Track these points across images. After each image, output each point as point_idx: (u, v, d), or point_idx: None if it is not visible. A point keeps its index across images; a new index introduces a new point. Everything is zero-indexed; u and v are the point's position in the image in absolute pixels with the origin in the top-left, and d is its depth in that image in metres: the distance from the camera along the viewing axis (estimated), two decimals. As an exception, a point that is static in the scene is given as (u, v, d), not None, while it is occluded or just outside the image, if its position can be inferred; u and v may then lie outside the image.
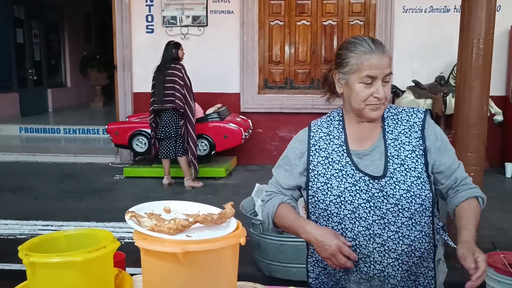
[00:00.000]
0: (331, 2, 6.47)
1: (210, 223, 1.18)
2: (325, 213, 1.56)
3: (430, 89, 5.95)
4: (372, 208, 1.51)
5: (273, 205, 1.64)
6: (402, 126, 1.62)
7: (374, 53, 1.53)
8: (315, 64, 6.62)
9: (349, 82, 1.58)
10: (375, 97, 1.53)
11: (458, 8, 6.03)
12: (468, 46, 3.10)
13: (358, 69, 1.54)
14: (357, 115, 1.61)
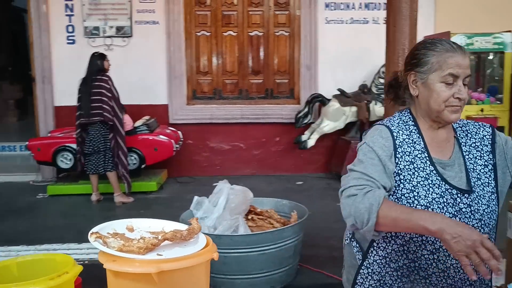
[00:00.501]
0: (257, 13, 6.57)
1: (180, 239, 1.14)
2: (390, 233, 1.50)
3: (354, 97, 6.20)
4: None
5: (378, 196, 1.36)
6: (473, 139, 1.60)
7: (457, 51, 1.49)
8: (243, 75, 6.68)
9: (428, 82, 1.51)
10: (456, 98, 1.48)
11: (376, 20, 6.42)
12: (395, 57, 3.27)
13: (439, 67, 1.49)
14: (433, 119, 1.55)
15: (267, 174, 6.54)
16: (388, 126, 1.59)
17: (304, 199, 4.68)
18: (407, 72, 1.58)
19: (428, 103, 1.52)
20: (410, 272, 1.53)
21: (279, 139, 6.63)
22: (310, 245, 3.71)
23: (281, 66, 6.68)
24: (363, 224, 1.35)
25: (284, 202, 3.68)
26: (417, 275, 1.52)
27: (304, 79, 6.58)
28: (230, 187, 3.52)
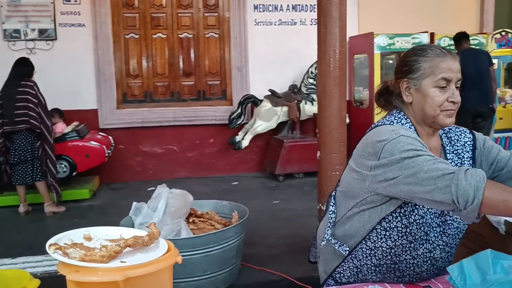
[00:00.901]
0: (186, 15, 6.54)
1: (141, 245, 1.15)
2: (404, 230, 1.54)
3: (285, 98, 6.35)
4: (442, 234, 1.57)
5: (482, 175, 1.29)
6: (455, 146, 1.64)
7: (447, 56, 1.52)
8: (174, 77, 6.62)
9: (422, 88, 1.53)
10: (450, 102, 1.50)
11: (304, 21, 6.60)
12: (326, 57, 3.38)
13: (432, 72, 1.51)
14: (429, 124, 1.56)
15: (202, 176, 6.54)
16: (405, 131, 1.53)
17: (240, 199, 4.71)
18: (399, 80, 1.59)
19: (423, 109, 1.54)
20: (387, 271, 1.62)
21: (213, 140, 6.65)
22: (250, 244, 3.76)
23: (212, 67, 6.70)
24: (467, 203, 1.27)
25: (224, 203, 3.70)
26: (392, 274, 1.61)
27: (235, 80, 6.64)
28: (169, 191, 3.50)
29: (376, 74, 6.31)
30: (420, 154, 1.38)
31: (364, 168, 1.52)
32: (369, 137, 1.54)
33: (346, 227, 1.64)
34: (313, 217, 4.56)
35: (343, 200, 1.67)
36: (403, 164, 1.38)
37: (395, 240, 1.54)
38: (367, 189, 1.52)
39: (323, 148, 3.53)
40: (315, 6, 6.57)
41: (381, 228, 1.54)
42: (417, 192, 1.35)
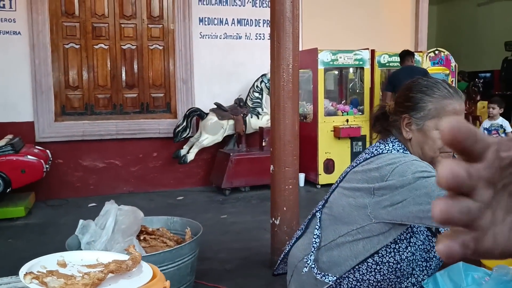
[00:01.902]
0: (130, 26, 6.39)
1: (125, 270, 1.07)
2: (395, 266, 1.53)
3: (231, 111, 6.32)
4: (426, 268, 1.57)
5: None
6: None
7: (454, 97, 1.46)
8: (116, 89, 6.42)
9: (424, 128, 1.48)
10: None
11: (249, 36, 6.63)
12: (280, 72, 3.41)
13: (437, 114, 1.45)
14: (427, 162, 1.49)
15: (146, 191, 6.36)
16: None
17: (188, 214, 4.64)
18: (401, 115, 1.54)
19: (422, 148, 1.51)
20: None
21: (157, 154, 6.50)
22: (202, 260, 3.69)
23: (156, 80, 6.56)
24: None
25: (176, 219, 3.60)
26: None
27: (180, 93, 6.54)
28: (118, 208, 3.35)
29: (320, 89, 6.45)
30: (434, 175, 1.30)
31: (365, 194, 1.46)
32: (373, 162, 1.49)
33: (334, 253, 1.58)
34: (264, 231, 4.56)
35: (332, 224, 1.60)
36: (415, 185, 1.31)
37: (384, 275, 1.52)
38: (368, 216, 1.46)
39: (277, 162, 3.54)
40: (260, 21, 6.76)
41: (372, 262, 1.51)
42: (430, 212, 1.30)
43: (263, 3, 6.77)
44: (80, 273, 1.03)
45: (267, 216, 4.87)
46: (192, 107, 6.35)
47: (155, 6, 6.45)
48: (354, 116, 6.65)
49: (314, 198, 6.18)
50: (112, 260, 1.11)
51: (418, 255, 1.53)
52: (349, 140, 6.58)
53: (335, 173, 6.55)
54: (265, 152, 6.15)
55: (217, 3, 6.58)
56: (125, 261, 1.09)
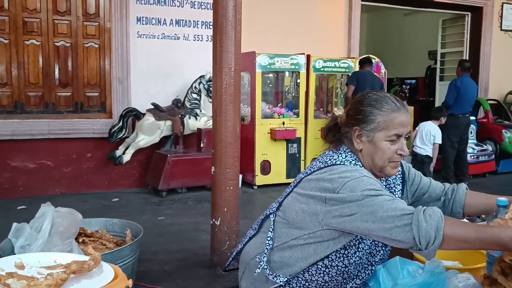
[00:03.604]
0: (64, 22, 6.17)
1: (87, 271, 1.08)
2: (343, 270, 1.62)
3: (168, 112, 6.29)
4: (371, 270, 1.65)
5: (440, 214, 1.35)
6: (388, 180, 1.72)
7: (401, 110, 1.56)
8: (49, 87, 6.19)
9: (374, 140, 1.57)
10: (399, 154, 1.56)
11: (187, 37, 6.64)
12: (222, 75, 3.47)
13: (386, 127, 1.55)
14: (376, 173, 1.61)
15: (79, 192, 6.18)
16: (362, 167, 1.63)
17: (124, 216, 4.58)
18: (353, 127, 1.62)
19: (372, 158, 1.60)
20: None
21: (91, 155, 6.33)
22: (141, 261, 3.66)
23: (91, 78, 6.39)
24: (429, 244, 1.33)
25: (115, 221, 3.56)
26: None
27: (116, 92, 6.42)
28: (55, 210, 3.27)
29: (258, 91, 6.57)
30: (381, 194, 1.44)
31: (317, 201, 1.54)
32: (326, 173, 1.56)
33: (285, 254, 1.65)
34: (202, 232, 4.60)
35: (285, 227, 1.67)
36: (362, 202, 1.42)
37: (332, 277, 1.61)
38: (320, 223, 1.54)
39: (218, 163, 3.59)
40: (198, 22, 6.77)
41: (322, 265, 1.60)
42: (374, 230, 1.41)
43: (202, 5, 6.79)
44: (40, 274, 1.04)
45: (204, 217, 4.92)
46: (128, 107, 6.25)
47: (91, 3, 6.28)
48: (290, 119, 6.83)
49: (251, 199, 6.29)
50: (72, 261, 1.12)
51: (365, 259, 1.64)
52: (285, 142, 6.75)
53: (271, 174, 6.70)
54: (203, 153, 6.18)
55: (155, 3, 6.52)
56: (86, 261, 1.10)
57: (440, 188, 1.79)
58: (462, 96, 6.81)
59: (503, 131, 7.95)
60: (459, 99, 6.81)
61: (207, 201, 5.45)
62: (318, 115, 7.20)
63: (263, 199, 6.26)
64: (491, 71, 9.62)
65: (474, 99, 7.11)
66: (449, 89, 6.93)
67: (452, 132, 6.88)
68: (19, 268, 1.11)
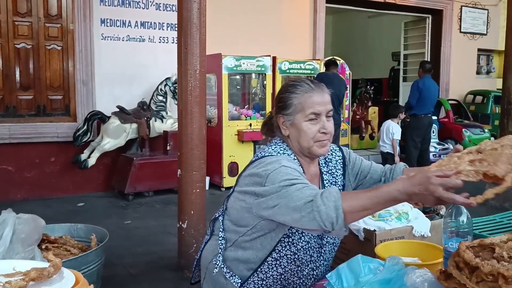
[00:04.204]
0: (24, 24, 6.03)
1: (47, 277, 1.07)
2: (293, 256, 1.67)
3: (134, 114, 6.22)
4: (321, 253, 1.71)
5: (336, 192, 1.38)
6: (330, 165, 1.76)
7: (315, 91, 1.62)
8: (9, 90, 6.03)
9: (295, 122, 1.63)
10: (322, 133, 1.60)
11: (152, 39, 6.59)
12: (187, 77, 3.46)
13: (302, 108, 1.61)
14: (306, 154, 1.66)
15: (43, 197, 6.04)
16: (290, 155, 1.69)
17: (90, 220, 4.51)
18: (277, 115, 1.71)
19: (299, 141, 1.66)
20: None
21: (54, 159, 6.20)
22: (107, 266, 3.61)
23: (54, 81, 6.27)
24: (333, 224, 1.36)
25: (79, 226, 3.50)
26: (309, 268, 1.72)
27: (80, 95, 6.31)
28: (16, 216, 3.19)
29: (224, 93, 6.57)
30: (294, 183, 1.46)
31: (251, 196, 1.59)
32: (256, 167, 1.60)
33: (238, 254, 1.70)
34: (169, 235, 4.57)
35: (233, 227, 1.72)
36: (280, 194, 1.46)
37: (284, 267, 1.66)
38: (255, 215, 1.60)
39: (184, 166, 3.58)
40: (164, 24, 6.74)
41: (271, 259, 1.65)
42: (290, 221, 1.46)
43: (167, 7, 6.75)
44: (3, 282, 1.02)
45: (171, 220, 4.88)
46: (93, 110, 6.16)
47: (52, 4, 6.16)
48: (257, 120, 6.85)
49: (219, 201, 6.26)
50: (31, 268, 1.11)
51: (313, 243, 1.70)
52: (252, 143, 6.77)
53: (239, 176, 6.70)
54: (169, 156, 6.14)
55: (120, 5, 6.45)
56: (46, 268, 1.09)
57: (381, 169, 1.85)
58: (424, 97, 6.98)
59: (463, 130, 8.20)
60: (421, 100, 6.98)
61: (174, 204, 5.41)
62: (284, 117, 7.24)
63: (231, 201, 6.26)
64: (451, 72, 9.91)
65: (435, 99, 7.31)
66: (412, 90, 7.10)
67: (415, 133, 7.06)
68: (-25, 276, 1.09)
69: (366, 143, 9.82)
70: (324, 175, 1.78)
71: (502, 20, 9.42)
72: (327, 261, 1.78)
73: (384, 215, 2.19)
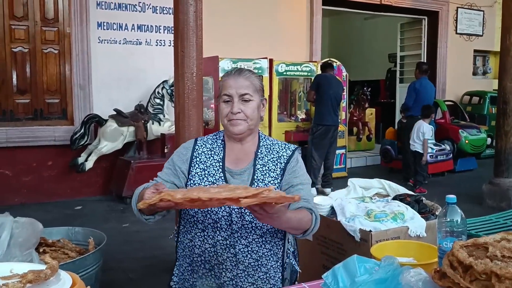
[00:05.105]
0: (21, 28, 6.03)
1: (43, 280, 1.08)
2: (192, 219, 1.72)
3: (132, 117, 6.23)
4: (231, 222, 1.68)
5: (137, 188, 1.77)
6: (271, 155, 1.80)
7: (230, 75, 1.79)
8: (5, 94, 6.03)
9: (219, 105, 1.81)
10: (231, 113, 1.72)
11: (149, 42, 6.60)
12: (184, 80, 3.47)
13: (220, 91, 1.80)
14: (227, 134, 1.83)
15: (41, 201, 6.03)
16: (197, 139, 1.89)
17: (88, 224, 4.50)
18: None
19: (221, 121, 1.83)
20: (198, 267, 1.77)
21: (52, 163, 6.20)
22: (105, 270, 3.62)
23: (51, 85, 6.27)
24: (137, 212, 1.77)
25: (77, 229, 3.50)
26: (204, 269, 1.75)
27: (77, 99, 6.32)
28: (14, 220, 3.19)
29: (221, 96, 6.57)
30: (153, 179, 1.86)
31: None
32: None
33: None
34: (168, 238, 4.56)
35: None
36: None
37: (190, 231, 1.77)
38: None
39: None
40: (161, 27, 6.75)
41: (182, 224, 1.84)
42: None
43: (164, 10, 6.77)
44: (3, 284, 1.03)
45: (170, 223, 4.88)
46: (90, 114, 6.16)
47: (49, 8, 6.17)
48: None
49: (217, 203, 6.28)
50: (28, 270, 1.12)
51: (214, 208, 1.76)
52: (249, 146, 6.77)
53: (236, 178, 6.70)
54: (167, 158, 6.11)
55: (116, 8, 6.46)
56: (43, 270, 1.10)
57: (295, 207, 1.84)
58: (421, 98, 7.00)
59: (459, 131, 8.21)
60: (418, 101, 7.00)
61: (172, 206, 5.42)
62: (282, 118, 7.27)
63: (228, 203, 6.26)
64: (447, 73, 9.93)
65: (432, 100, 7.33)
66: (408, 91, 7.12)
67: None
68: (-29, 279, 1.10)
69: (364, 145, 9.84)
70: (258, 160, 1.81)
71: (498, 21, 9.43)
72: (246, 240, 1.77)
73: (380, 216, 2.20)
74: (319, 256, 2.32)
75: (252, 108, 1.78)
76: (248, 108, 1.77)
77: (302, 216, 1.70)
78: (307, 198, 1.78)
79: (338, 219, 2.25)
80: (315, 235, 2.30)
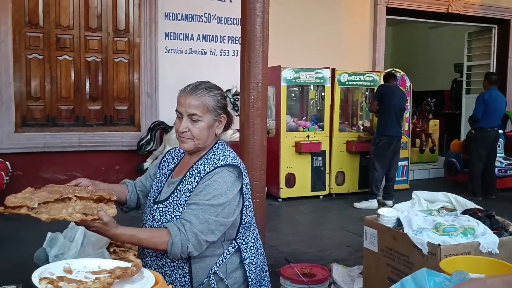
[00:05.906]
0: (95, 38, 6.39)
1: (130, 276, 1.16)
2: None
3: (195, 125, 6.38)
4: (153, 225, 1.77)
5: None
6: (199, 168, 1.77)
7: (183, 93, 1.79)
8: (79, 101, 6.39)
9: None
10: (178, 130, 1.74)
11: (213, 51, 6.76)
12: (250, 89, 3.55)
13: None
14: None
15: (108, 203, 6.29)
16: (169, 151, 2.02)
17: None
18: None
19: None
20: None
21: (119, 167, 6.48)
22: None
23: (120, 92, 6.57)
24: None
25: (144, 232, 3.64)
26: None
27: (145, 106, 6.58)
28: (87, 220, 3.37)
29: (283, 105, 6.63)
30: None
31: None
32: None
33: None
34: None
35: None
36: None
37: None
38: None
39: (245, 176, 3.64)
40: (225, 37, 6.90)
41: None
42: None
43: (228, 20, 6.93)
44: (87, 278, 1.11)
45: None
46: (156, 120, 6.39)
47: (121, 20, 6.49)
48: (315, 132, 6.86)
49: (277, 211, 6.32)
50: (115, 266, 1.20)
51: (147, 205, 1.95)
52: (309, 155, 6.78)
53: (296, 187, 6.73)
54: (228, 166, 6.24)
55: (183, 19, 6.68)
56: (129, 267, 1.18)
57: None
58: (490, 110, 6.75)
59: (531, 144, 7.82)
60: (487, 113, 6.75)
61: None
62: (343, 128, 7.22)
63: (288, 211, 6.28)
64: (519, 84, 9.50)
65: (502, 112, 7.04)
66: (477, 103, 6.88)
67: (480, 146, 6.83)
68: (67, 272, 1.19)
69: (427, 157, 9.56)
70: (190, 170, 1.81)
71: None
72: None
73: (449, 230, 2.15)
74: (384, 268, 2.29)
75: (200, 129, 1.76)
76: (195, 128, 1.76)
77: (153, 235, 1.67)
78: (191, 220, 1.65)
79: (405, 231, 2.22)
80: (380, 246, 2.29)
